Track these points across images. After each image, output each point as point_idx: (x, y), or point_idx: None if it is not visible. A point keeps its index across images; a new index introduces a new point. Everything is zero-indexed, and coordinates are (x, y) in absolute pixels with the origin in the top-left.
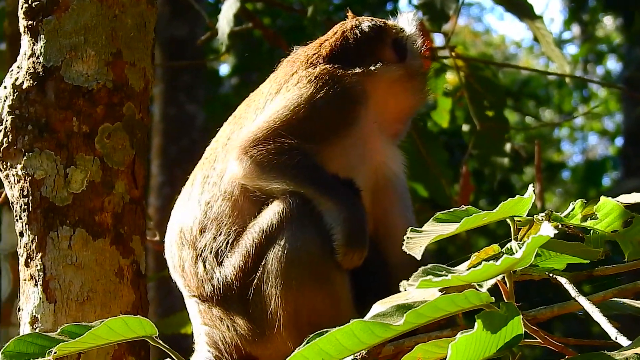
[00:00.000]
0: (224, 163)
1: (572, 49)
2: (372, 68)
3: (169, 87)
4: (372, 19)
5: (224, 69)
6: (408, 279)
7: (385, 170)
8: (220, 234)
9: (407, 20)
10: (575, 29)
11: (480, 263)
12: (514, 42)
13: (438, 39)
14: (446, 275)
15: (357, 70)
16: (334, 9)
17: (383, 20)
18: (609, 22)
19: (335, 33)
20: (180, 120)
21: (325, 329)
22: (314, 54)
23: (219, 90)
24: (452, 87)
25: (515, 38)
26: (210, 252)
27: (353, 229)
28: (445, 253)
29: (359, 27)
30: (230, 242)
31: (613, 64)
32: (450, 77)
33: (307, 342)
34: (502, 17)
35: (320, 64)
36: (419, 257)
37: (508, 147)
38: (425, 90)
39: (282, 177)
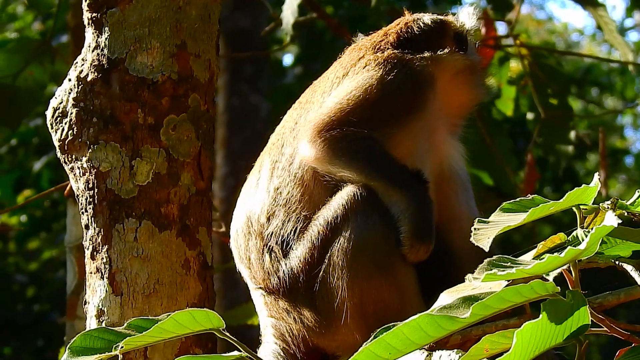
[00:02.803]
0: (292, 147)
1: (634, 36)
2: (439, 54)
3: (232, 77)
4: (431, 14)
5: (288, 59)
6: (473, 269)
7: (450, 160)
8: (289, 221)
9: (467, 15)
10: (637, 16)
11: (545, 253)
12: (576, 30)
13: (501, 28)
14: (511, 268)
15: (425, 54)
16: None
17: (444, 13)
18: None
19: (399, 24)
20: (244, 110)
21: (392, 323)
22: (381, 40)
23: (283, 81)
24: (516, 76)
25: (577, 25)
26: (277, 241)
27: (421, 222)
28: (511, 241)
29: (422, 19)
30: (298, 229)
31: None
32: (514, 66)
33: (374, 337)
34: (564, 4)
35: (388, 48)
36: (487, 249)
37: (572, 134)
38: (485, 85)
39: (353, 164)
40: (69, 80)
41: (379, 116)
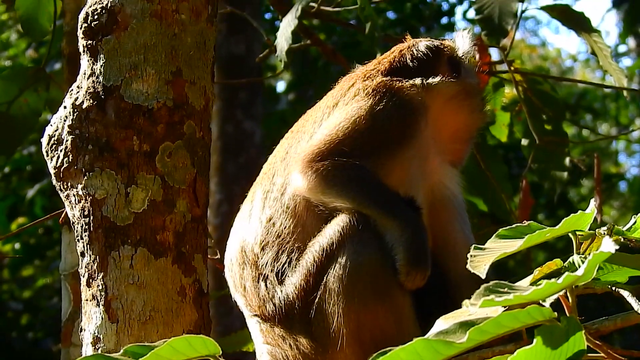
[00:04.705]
0: (283, 177)
1: (628, 62)
2: (430, 81)
3: (226, 104)
4: (429, 39)
5: (281, 86)
6: (469, 295)
7: (442, 188)
8: (283, 252)
9: (462, 39)
10: (631, 42)
11: (542, 279)
12: (570, 56)
13: (495, 53)
14: (508, 294)
15: (416, 82)
16: (389, 24)
17: (440, 39)
18: None
19: (393, 52)
20: (238, 137)
21: (389, 347)
22: (373, 69)
23: (276, 107)
24: (510, 101)
25: (571, 51)
26: (272, 270)
27: (416, 249)
28: (505, 267)
29: (416, 46)
30: (292, 259)
31: None
32: (508, 92)
33: None
34: (558, 30)
35: (377, 76)
36: (483, 276)
37: (567, 160)
38: (482, 111)
39: (345, 194)
40: (64, 107)
41: (369, 146)
